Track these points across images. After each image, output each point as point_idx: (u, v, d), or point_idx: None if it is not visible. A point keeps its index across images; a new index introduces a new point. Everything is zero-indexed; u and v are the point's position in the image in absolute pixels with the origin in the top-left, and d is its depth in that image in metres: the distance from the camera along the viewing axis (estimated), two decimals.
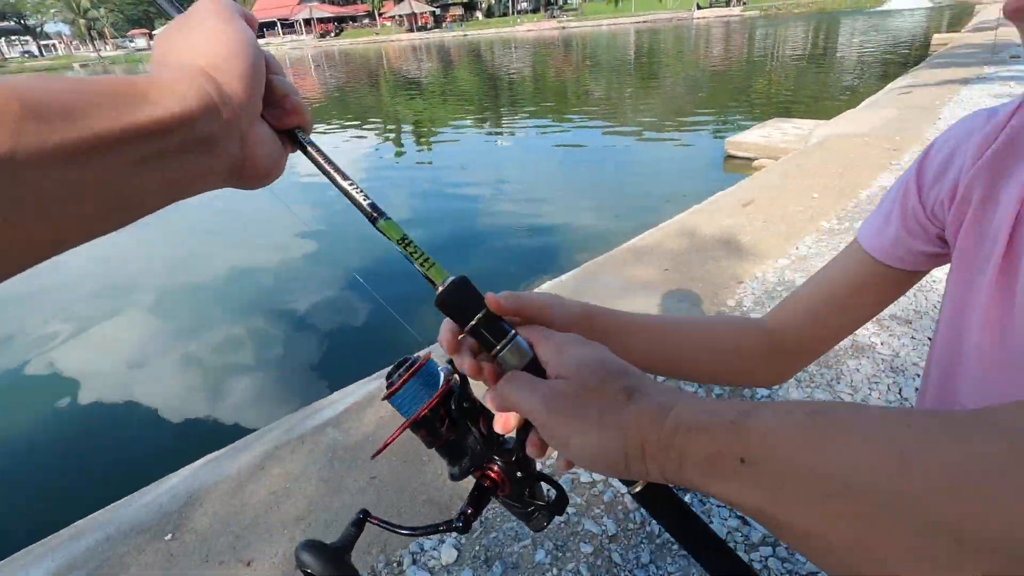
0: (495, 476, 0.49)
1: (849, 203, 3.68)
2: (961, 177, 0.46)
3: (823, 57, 16.44)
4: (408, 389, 0.47)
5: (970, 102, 5.89)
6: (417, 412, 0.46)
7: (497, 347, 0.41)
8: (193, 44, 0.33)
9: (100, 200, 0.27)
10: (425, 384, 0.47)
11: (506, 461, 0.49)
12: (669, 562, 1.48)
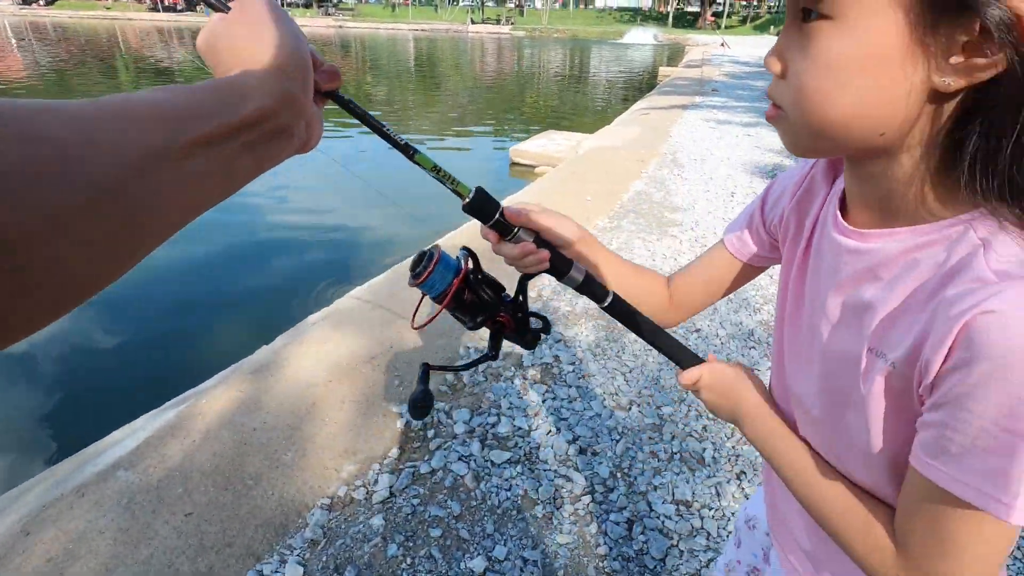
0: (504, 320, 0.67)
1: (615, 205, 4.37)
2: (786, 208, 0.64)
3: (580, 78, 18.86)
4: (435, 274, 0.60)
5: (690, 124, 7.42)
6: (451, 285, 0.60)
7: (515, 231, 0.61)
8: (263, 43, 0.39)
9: (218, 179, 0.32)
10: (446, 267, 0.61)
11: (509, 309, 0.66)
12: (511, 527, 1.64)
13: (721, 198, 4.54)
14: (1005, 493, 0.39)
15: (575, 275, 0.65)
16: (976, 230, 0.42)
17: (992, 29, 0.36)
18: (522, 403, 2.13)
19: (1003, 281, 0.39)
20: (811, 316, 0.57)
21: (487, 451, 1.89)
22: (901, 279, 0.46)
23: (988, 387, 0.38)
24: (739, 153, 5.93)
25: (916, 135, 0.42)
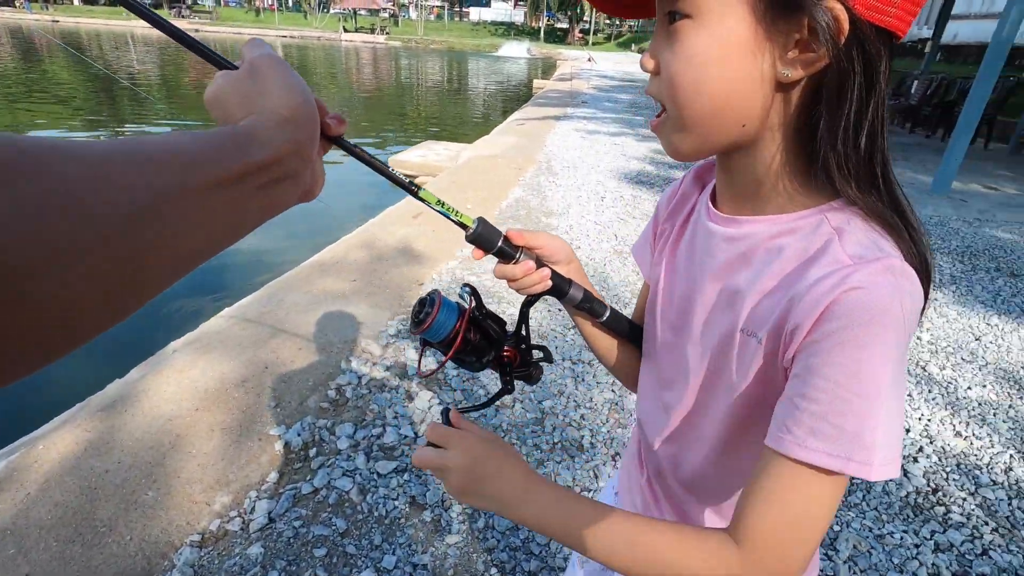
0: (510, 354, 0.66)
1: (495, 211, 4.49)
2: (662, 218, 0.69)
3: (459, 89, 19.07)
4: (438, 320, 0.59)
5: (563, 133, 7.82)
6: (456, 329, 0.59)
7: (516, 256, 0.61)
8: (272, 95, 0.41)
9: (227, 223, 0.34)
10: (448, 311, 0.60)
11: (512, 342, 0.66)
12: (399, 535, 1.63)
13: (592, 202, 4.84)
14: (862, 450, 0.41)
15: (575, 293, 0.65)
16: (830, 220, 0.47)
17: (817, 29, 0.42)
18: (408, 411, 2.13)
19: (861, 262, 0.43)
20: (683, 308, 0.60)
21: (373, 463, 1.87)
22: (768, 263, 0.50)
23: (843, 355, 0.41)
24: (607, 160, 6.36)
25: (773, 124, 0.47)
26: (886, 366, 0.41)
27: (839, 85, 0.44)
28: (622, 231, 4.21)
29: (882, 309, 0.41)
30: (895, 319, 0.41)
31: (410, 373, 2.36)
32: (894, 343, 0.41)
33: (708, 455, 0.58)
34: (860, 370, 0.41)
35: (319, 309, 2.81)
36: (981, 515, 1.84)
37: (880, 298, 0.41)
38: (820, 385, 0.42)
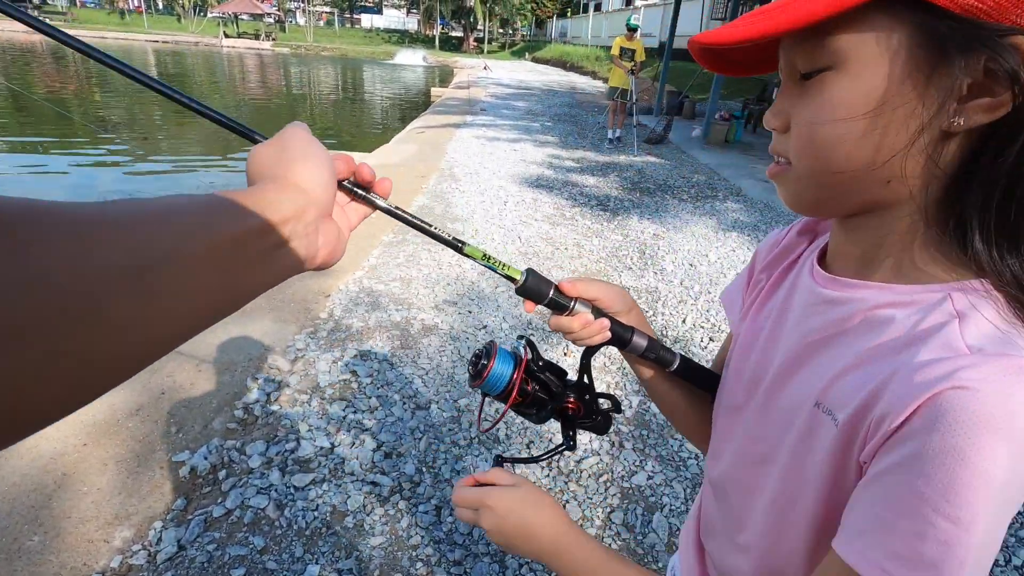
0: (572, 406, 0.64)
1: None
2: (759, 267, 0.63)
3: (356, 97, 18.63)
4: (495, 371, 0.58)
5: (464, 141, 7.93)
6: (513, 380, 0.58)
7: (570, 307, 0.58)
8: (296, 163, 0.41)
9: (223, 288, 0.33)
10: (504, 362, 0.59)
11: (576, 392, 0.64)
12: (321, 545, 1.63)
13: (496, 206, 4.98)
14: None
15: (639, 341, 0.61)
16: (954, 301, 0.39)
17: (998, 70, 0.35)
18: (322, 423, 2.11)
19: (976, 356, 0.36)
20: (761, 369, 0.54)
21: (288, 477, 1.84)
22: (866, 334, 0.43)
23: (942, 465, 0.34)
24: (508, 166, 6.55)
25: (919, 185, 0.40)
26: (989, 489, 0.33)
27: (1014, 132, 0.37)
28: (525, 233, 4.37)
29: (996, 419, 0.33)
30: (1012, 434, 0.33)
31: (321, 385, 2.33)
32: (1006, 464, 0.33)
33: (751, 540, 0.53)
34: (955, 489, 0.33)
35: (220, 328, 2.69)
36: None
37: (995, 406, 0.33)
38: (900, 494, 0.35)
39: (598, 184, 6.05)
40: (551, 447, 0.64)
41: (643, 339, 0.61)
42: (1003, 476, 0.33)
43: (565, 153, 7.56)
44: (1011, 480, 0.34)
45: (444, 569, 1.59)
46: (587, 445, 2.12)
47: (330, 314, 2.92)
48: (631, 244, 4.32)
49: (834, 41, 0.39)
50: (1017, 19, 0.34)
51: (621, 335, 0.60)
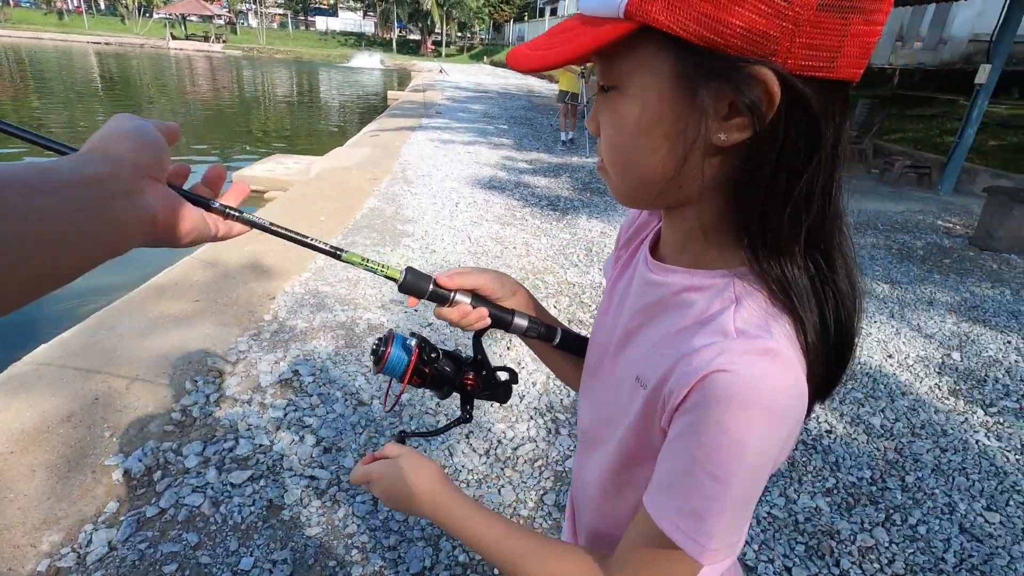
0: (471, 382, 0.70)
1: (349, 222, 4.49)
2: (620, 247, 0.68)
3: (311, 101, 18.35)
4: (392, 357, 0.64)
5: (418, 144, 7.94)
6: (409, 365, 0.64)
7: (450, 299, 0.63)
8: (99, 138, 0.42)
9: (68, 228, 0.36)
10: (401, 348, 0.65)
11: (474, 370, 0.69)
12: (257, 538, 1.65)
13: (447, 208, 5.03)
14: (700, 534, 0.42)
15: (519, 322, 0.67)
16: (735, 287, 0.45)
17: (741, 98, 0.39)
18: (262, 421, 2.12)
19: (739, 339, 0.42)
20: (606, 340, 0.60)
21: (225, 475, 1.85)
22: (673, 314, 0.49)
23: (705, 435, 0.41)
24: (461, 168, 6.60)
25: (711, 185, 0.45)
26: (743, 455, 0.40)
27: (766, 149, 0.41)
28: (475, 233, 4.44)
29: (747, 396, 0.40)
30: (760, 409, 0.40)
31: (263, 385, 2.34)
32: (759, 434, 0.40)
33: (599, 487, 0.60)
34: (717, 454, 0.41)
35: (159, 333, 2.66)
36: None
37: (746, 385, 0.40)
38: (681, 457, 0.43)
39: (550, 185, 6.17)
40: (451, 421, 0.71)
41: (523, 320, 0.67)
42: (755, 443, 0.40)
43: (519, 155, 7.66)
44: (762, 445, 0.41)
45: (379, 555, 1.63)
46: (524, 433, 2.20)
47: (274, 316, 2.92)
48: (578, 242, 4.44)
49: (616, 65, 0.44)
50: (748, 51, 0.38)
51: (501, 318, 0.66)
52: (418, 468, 0.61)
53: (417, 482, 0.60)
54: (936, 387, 2.79)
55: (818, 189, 0.43)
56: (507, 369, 0.73)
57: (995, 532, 1.92)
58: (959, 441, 2.38)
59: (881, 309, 3.61)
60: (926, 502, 2.03)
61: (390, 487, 0.61)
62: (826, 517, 1.93)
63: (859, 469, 2.17)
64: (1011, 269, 4.55)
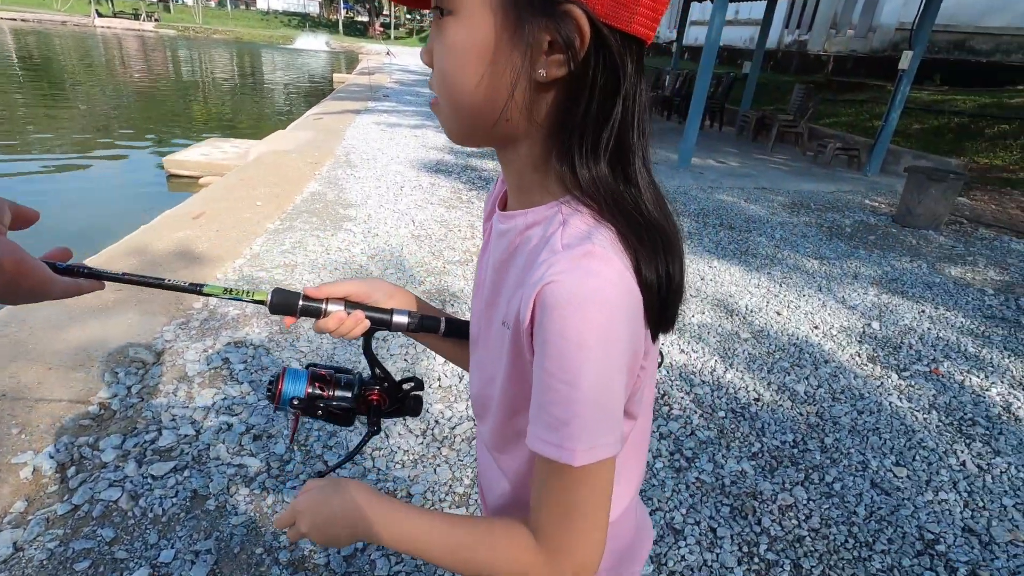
0: (376, 398, 0.68)
1: (288, 207, 4.34)
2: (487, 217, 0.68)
3: (255, 84, 17.57)
4: (285, 391, 0.64)
5: (363, 127, 7.74)
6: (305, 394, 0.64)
7: (323, 310, 0.63)
8: None
9: None
10: (292, 381, 0.65)
11: (378, 385, 0.68)
12: (179, 529, 1.59)
13: (391, 191, 4.94)
14: (568, 439, 0.43)
15: (399, 319, 0.66)
16: (563, 211, 0.48)
17: (559, 34, 0.42)
18: (188, 411, 2.04)
19: (564, 252, 0.44)
20: (480, 306, 0.61)
21: (146, 468, 1.78)
22: (520, 255, 0.51)
23: (550, 345, 0.43)
24: (407, 152, 6.49)
25: (536, 120, 0.47)
26: (586, 353, 0.42)
27: (581, 87, 0.45)
28: (419, 216, 4.38)
29: (576, 299, 0.42)
30: (589, 305, 0.42)
31: (189, 374, 2.25)
32: (594, 329, 0.42)
33: (496, 448, 0.60)
34: (563, 360, 0.42)
35: (76, 325, 2.51)
36: (693, 407, 2.38)
37: (572, 289, 0.42)
38: (539, 376, 0.44)
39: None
40: (362, 438, 0.68)
41: (403, 316, 0.66)
42: (594, 338, 0.42)
43: None
44: (603, 338, 0.42)
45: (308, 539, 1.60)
46: (463, 412, 2.20)
47: (205, 304, 2.80)
48: None
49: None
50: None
51: (380, 319, 0.65)
52: (341, 489, 0.56)
53: (343, 503, 0.55)
54: (856, 355, 2.95)
55: (630, 122, 0.47)
56: (411, 379, 0.71)
57: (902, 485, 2.06)
58: (874, 404, 2.53)
59: (810, 283, 3.79)
60: (842, 461, 2.16)
61: (316, 515, 0.56)
62: (751, 479, 2.02)
63: (783, 433, 2.28)
64: (928, 244, 4.85)
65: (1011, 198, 6.78)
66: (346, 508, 0.54)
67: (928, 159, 7.42)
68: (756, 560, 1.71)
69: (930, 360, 2.95)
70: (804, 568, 1.70)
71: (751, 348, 2.91)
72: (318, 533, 0.55)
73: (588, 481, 0.46)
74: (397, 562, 1.57)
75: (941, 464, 2.19)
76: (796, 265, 4.10)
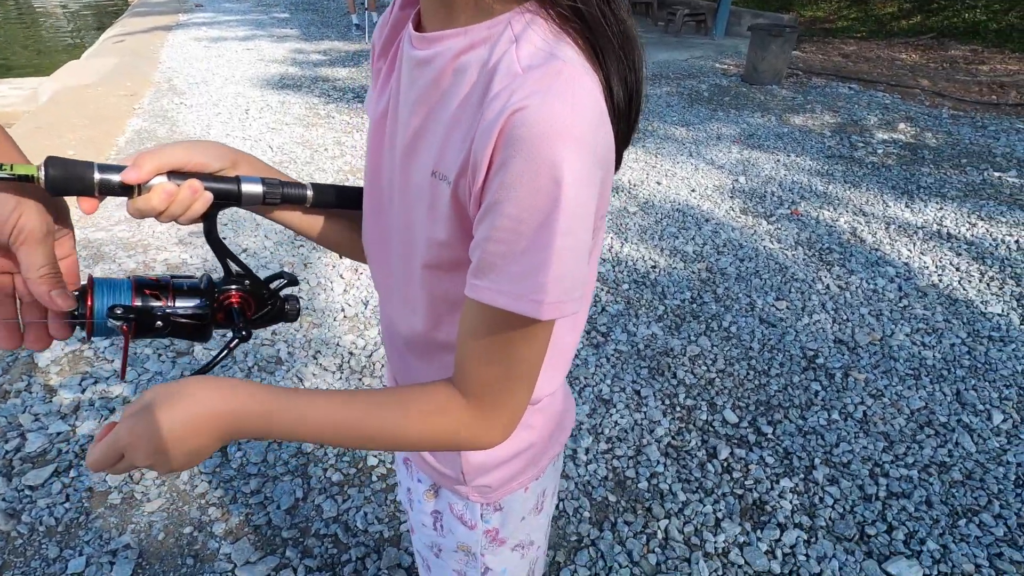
0: (236, 300, 0.52)
1: (111, 151, 3.67)
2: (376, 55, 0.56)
3: (17, 7, 14.07)
4: (97, 311, 0.46)
5: (181, 45, 6.56)
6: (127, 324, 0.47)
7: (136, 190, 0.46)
8: None
9: None
10: (111, 293, 0.47)
11: (236, 284, 0.53)
12: (83, 533, 1.40)
13: (236, 117, 4.32)
14: (536, 290, 0.38)
15: (251, 189, 0.50)
16: (513, 26, 0.40)
17: None
18: (52, 407, 1.74)
19: (527, 73, 0.37)
20: (391, 155, 0.51)
21: (18, 479, 1.52)
22: (456, 87, 0.43)
23: (519, 185, 0.36)
24: (243, 69, 5.64)
25: None
26: (561, 191, 0.36)
27: None
28: (276, 140, 3.90)
29: (552, 129, 0.35)
30: (565, 134, 0.36)
31: (40, 365, 1.91)
32: (571, 162, 0.36)
33: (416, 310, 0.54)
34: (535, 199, 0.36)
35: None
36: (599, 285, 2.47)
37: (545, 116, 0.35)
38: (501, 223, 0.38)
39: (352, 75, 5.57)
40: (224, 346, 0.52)
41: (255, 185, 0.51)
42: (571, 171, 0.36)
43: (309, 46, 6.74)
44: (580, 175, 0.37)
45: (241, 504, 1.49)
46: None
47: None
48: None
49: None
50: None
51: (226, 190, 0.50)
52: (179, 394, 0.43)
53: (193, 405, 0.43)
54: (731, 209, 3.19)
55: None
56: (281, 275, 0.56)
57: (784, 316, 2.33)
58: (752, 250, 2.79)
59: (681, 150, 3.96)
60: (734, 306, 2.38)
61: (154, 439, 0.42)
62: (661, 340, 2.17)
63: (681, 292, 2.45)
64: (773, 98, 5.23)
65: (833, 47, 7.45)
66: (199, 411, 0.43)
67: (765, 17, 7.83)
68: (678, 408, 1.87)
69: (790, 203, 3.27)
70: (718, 404, 1.89)
71: (640, 220, 3.03)
72: (164, 459, 0.43)
73: (537, 337, 0.43)
74: (344, 500, 1.52)
75: (811, 291, 2.49)
76: (667, 135, 4.25)
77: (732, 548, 1.45)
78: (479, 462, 0.60)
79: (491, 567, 0.69)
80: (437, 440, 0.48)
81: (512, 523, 0.66)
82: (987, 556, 1.45)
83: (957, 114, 4.83)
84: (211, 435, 0.43)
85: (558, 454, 0.69)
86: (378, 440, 0.47)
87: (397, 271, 0.54)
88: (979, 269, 2.67)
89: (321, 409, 0.45)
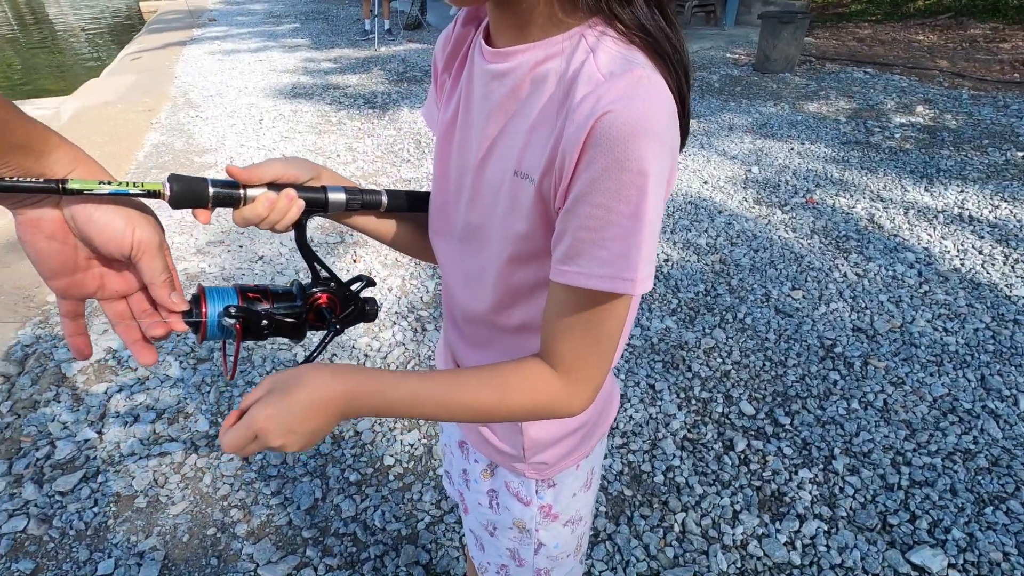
0: (324, 300, 0.58)
1: (130, 166, 3.75)
2: (439, 68, 0.62)
3: (40, 31, 14.49)
4: (211, 317, 0.51)
5: (195, 60, 6.70)
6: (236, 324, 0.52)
7: (242, 196, 0.52)
8: None
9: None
10: (221, 300, 0.51)
11: (322, 287, 0.58)
12: (111, 536, 1.45)
13: (250, 127, 4.39)
14: (628, 269, 0.44)
15: (336, 196, 0.57)
16: (587, 38, 0.45)
17: None
18: (80, 414, 1.80)
19: (610, 80, 0.42)
20: (466, 160, 0.56)
21: (48, 486, 1.57)
22: (535, 95, 0.48)
23: (607, 177, 0.42)
24: (256, 80, 5.74)
25: None
26: (647, 183, 0.42)
27: None
28: (289, 148, 3.96)
29: (633, 126, 0.41)
30: (649, 133, 0.41)
31: (67, 374, 1.96)
32: (653, 157, 0.41)
33: (483, 298, 0.59)
34: (626, 191, 0.42)
35: None
36: None
37: (633, 116, 0.41)
38: (590, 213, 0.43)
39: (363, 82, 5.63)
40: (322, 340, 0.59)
41: (340, 193, 0.57)
42: (653, 167, 0.42)
43: (320, 55, 6.83)
44: (659, 167, 0.42)
45: (263, 504, 1.52)
46: (391, 339, 2.13)
47: None
48: (405, 137, 4.17)
49: None
50: None
51: (315, 198, 0.56)
52: (304, 377, 0.48)
53: (315, 387, 0.47)
54: (744, 200, 3.15)
55: None
56: (360, 278, 0.61)
57: (800, 306, 2.29)
58: (766, 240, 2.75)
59: (692, 142, 3.92)
60: (748, 297, 2.35)
61: (287, 420, 0.46)
62: (675, 333, 2.16)
63: (695, 285, 2.43)
64: (786, 86, 5.15)
65: (847, 31, 7.31)
66: (321, 393, 0.47)
67: (776, 4, 7.72)
68: (693, 402, 1.86)
69: (804, 191, 3.22)
70: (734, 397, 1.87)
71: None
72: (296, 438, 0.47)
73: (618, 311, 0.48)
74: (362, 499, 1.54)
75: (828, 279, 2.45)
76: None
77: (751, 540, 1.44)
78: (539, 439, 0.65)
79: (544, 542, 0.73)
80: (534, 410, 0.52)
81: (564, 499, 0.71)
82: (1015, 544, 1.42)
83: (978, 94, 4.71)
84: (331, 414, 0.48)
85: (605, 433, 0.73)
86: (481, 414, 0.52)
87: (466, 262, 0.60)
88: (1003, 252, 2.60)
89: (428, 387, 0.51)
